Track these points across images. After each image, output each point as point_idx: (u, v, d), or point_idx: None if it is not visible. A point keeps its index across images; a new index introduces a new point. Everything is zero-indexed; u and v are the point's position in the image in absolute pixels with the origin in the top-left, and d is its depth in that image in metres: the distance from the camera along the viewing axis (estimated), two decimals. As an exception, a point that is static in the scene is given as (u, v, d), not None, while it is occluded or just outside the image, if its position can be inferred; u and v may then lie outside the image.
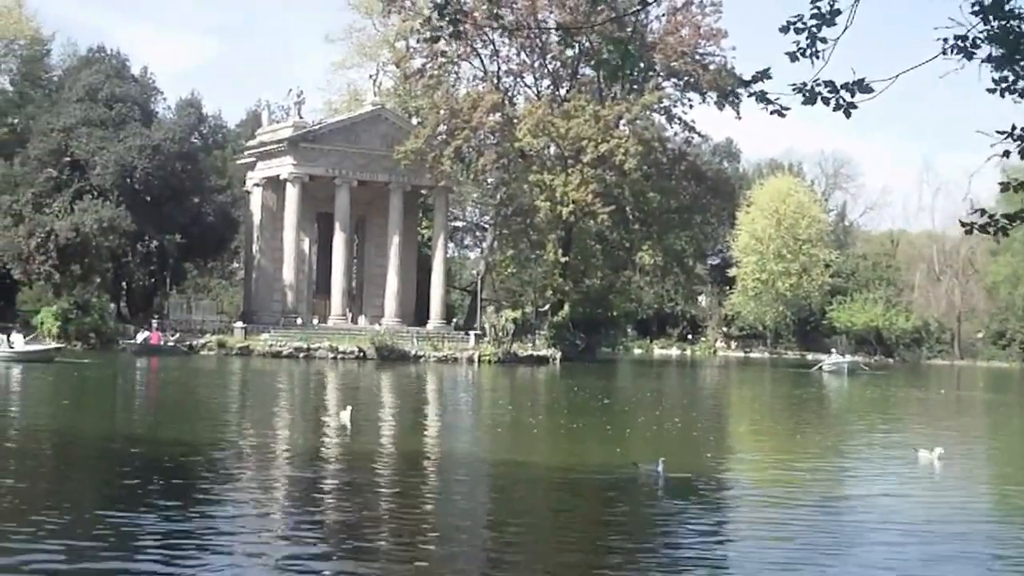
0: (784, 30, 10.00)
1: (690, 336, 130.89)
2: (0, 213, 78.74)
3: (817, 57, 9.97)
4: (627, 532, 17.19)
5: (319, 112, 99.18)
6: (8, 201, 78.70)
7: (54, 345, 62.76)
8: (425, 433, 31.17)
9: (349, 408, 30.00)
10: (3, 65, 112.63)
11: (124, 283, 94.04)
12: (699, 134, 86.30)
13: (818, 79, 10.00)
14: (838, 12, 9.82)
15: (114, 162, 79.69)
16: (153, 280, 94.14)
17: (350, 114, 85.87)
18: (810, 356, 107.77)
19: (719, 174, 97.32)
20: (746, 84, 10.48)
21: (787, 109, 10.37)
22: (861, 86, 9.93)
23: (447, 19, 12.01)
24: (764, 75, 10.28)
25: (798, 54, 10.01)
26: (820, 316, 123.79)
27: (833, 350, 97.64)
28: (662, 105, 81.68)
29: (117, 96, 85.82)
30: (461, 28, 12.40)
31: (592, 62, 78.71)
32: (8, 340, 60.42)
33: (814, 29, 9.91)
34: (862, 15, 9.88)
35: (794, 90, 10.10)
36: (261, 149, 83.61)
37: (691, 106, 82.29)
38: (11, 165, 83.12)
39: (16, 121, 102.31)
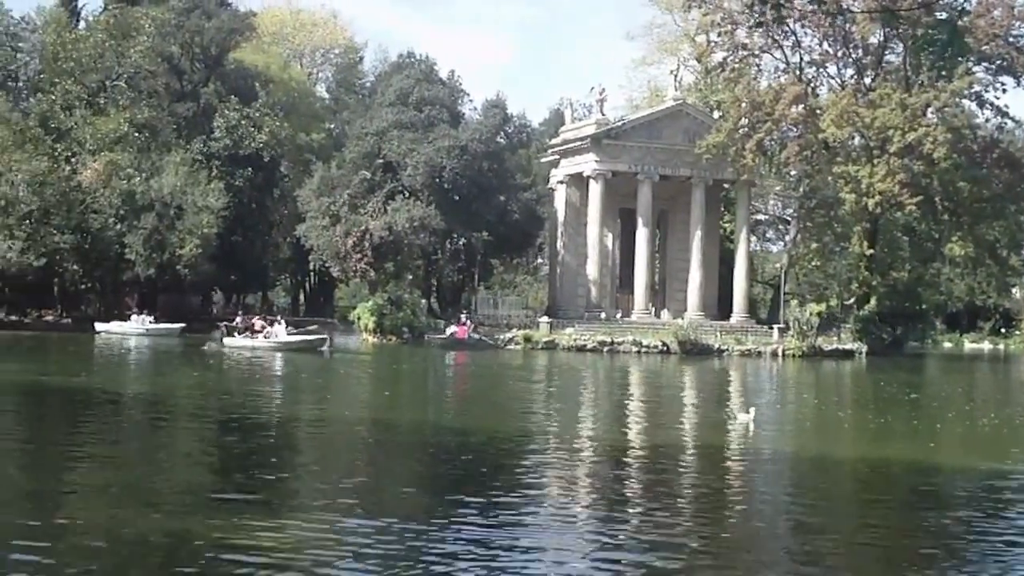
0: None
1: (1003, 330, 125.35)
2: (319, 214, 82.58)
3: None
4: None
5: (621, 109, 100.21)
6: (326, 203, 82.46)
7: (316, 336, 65.77)
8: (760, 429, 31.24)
9: (752, 410, 29.31)
10: (320, 73, 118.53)
11: (434, 279, 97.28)
12: (1013, 119, 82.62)
13: None
14: None
15: (424, 163, 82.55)
16: (462, 276, 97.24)
17: (652, 110, 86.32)
18: None
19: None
20: None
21: None
22: None
23: (769, 5, 12.15)
24: None
25: None
26: None
27: None
28: (973, 91, 78.50)
29: (426, 99, 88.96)
30: (785, 13, 12.66)
31: (913, 43, 76.93)
32: (274, 332, 64.33)
33: None
34: None
35: None
36: (564, 147, 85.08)
37: (1004, 91, 78.90)
38: (329, 168, 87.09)
39: (332, 126, 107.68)
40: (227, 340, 63.47)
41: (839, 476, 23.07)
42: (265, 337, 63.41)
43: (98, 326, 75.28)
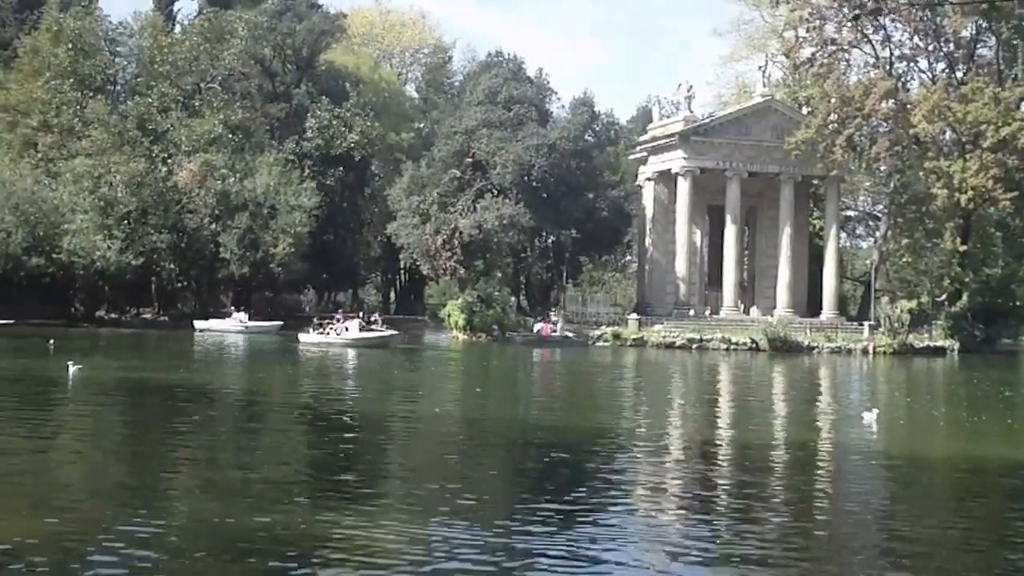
0: None
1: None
2: (410, 212, 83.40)
3: None
4: None
5: (709, 106, 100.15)
6: (416, 201, 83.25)
7: (387, 332, 66.83)
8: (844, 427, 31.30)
9: (875, 411, 29.46)
10: (410, 73, 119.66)
11: (523, 277, 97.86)
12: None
13: None
14: None
15: (513, 161, 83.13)
16: (550, 274, 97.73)
17: (740, 106, 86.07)
18: None
19: None
20: None
21: None
22: None
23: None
24: None
25: None
26: None
27: None
28: (1068, 83, 77.63)
29: (515, 98, 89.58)
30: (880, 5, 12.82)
31: (1009, 35, 75.86)
32: (345, 327, 65.83)
33: None
34: None
35: None
36: (652, 144, 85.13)
37: (1101, 84, 77.83)
38: (418, 167, 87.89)
39: (422, 126, 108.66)
40: (301, 336, 64.75)
41: (934, 476, 23.06)
42: (337, 334, 64.58)
43: (197, 324, 76.82)
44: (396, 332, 68.27)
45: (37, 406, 29.07)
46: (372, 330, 67.95)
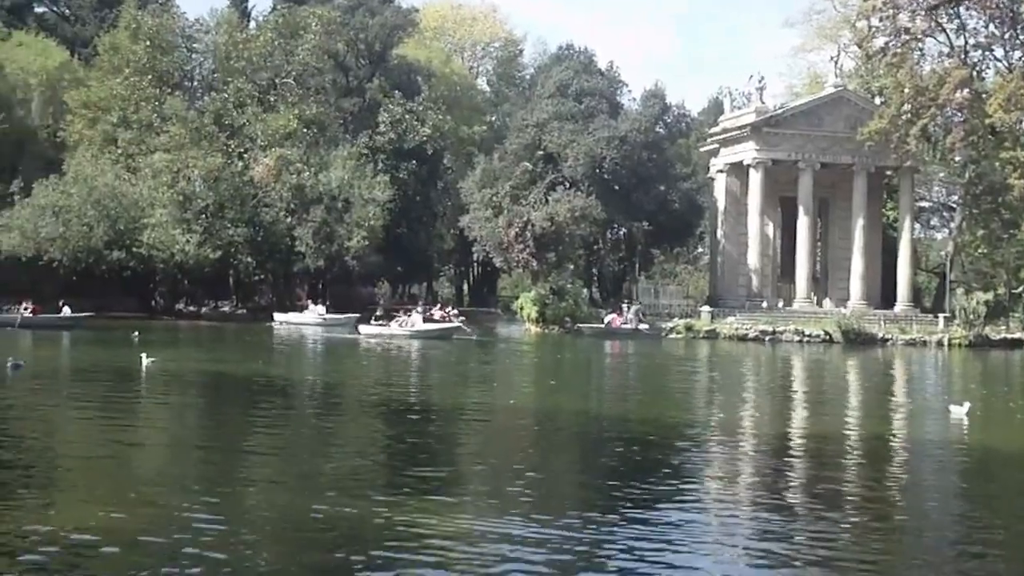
0: None
1: None
2: (482, 205, 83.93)
3: None
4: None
5: (780, 97, 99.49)
6: (489, 194, 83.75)
7: (452, 324, 67.52)
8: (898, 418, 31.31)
9: (967, 404, 28.98)
10: (481, 67, 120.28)
11: (595, 269, 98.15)
12: None
13: None
14: None
15: (584, 154, 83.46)
16: (622, 266, 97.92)
17: (812, 97, 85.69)
18: None
19: None
20: None
21: None
22: None
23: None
24: None
25: None
26: None
27: None
28: None
29: (585, 90, 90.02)
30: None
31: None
32: (410, 320, 66.41)
33: None
34: None
35: None
36: (724, 136, 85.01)
37: None
38: (491, 160, 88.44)
39: (493, 119, 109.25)
40: (362, 328, 65.42)
41: (1016, 471, 22.98)
42: (400, 326, 65.20)
43: (276, 316, 77.83)
44: (461, 324, 68.70)
45: (111, 398, 29.65)
46: (438, 321, 68.64)
